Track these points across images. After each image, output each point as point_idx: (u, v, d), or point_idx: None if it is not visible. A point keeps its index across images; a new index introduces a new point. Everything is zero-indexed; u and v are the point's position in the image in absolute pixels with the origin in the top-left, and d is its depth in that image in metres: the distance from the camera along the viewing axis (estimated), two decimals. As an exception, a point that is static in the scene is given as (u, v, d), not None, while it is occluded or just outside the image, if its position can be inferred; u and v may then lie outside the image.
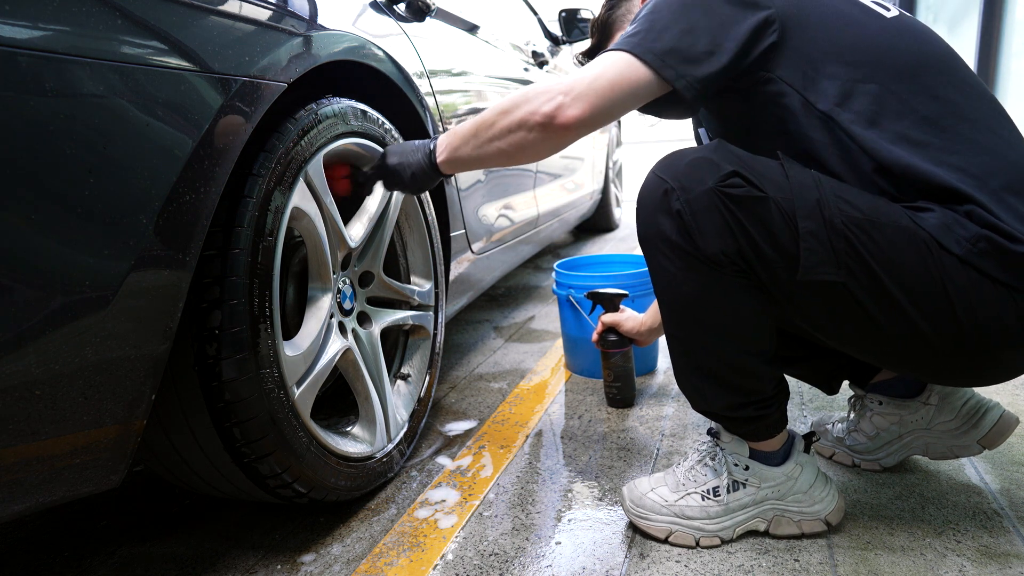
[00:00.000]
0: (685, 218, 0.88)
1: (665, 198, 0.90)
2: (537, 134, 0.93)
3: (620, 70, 0.91)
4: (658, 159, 0.95)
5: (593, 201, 3.42)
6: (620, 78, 0.91)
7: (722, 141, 0.93)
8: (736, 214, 0.86)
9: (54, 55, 0.62)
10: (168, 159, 0.74)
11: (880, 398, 1.17)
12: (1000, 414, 1.10)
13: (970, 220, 0.83)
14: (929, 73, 0.90)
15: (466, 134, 1.01)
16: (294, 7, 0.97)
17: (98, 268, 0.68)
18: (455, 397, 1.65)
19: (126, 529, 1.16)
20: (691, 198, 0.88)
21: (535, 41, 2.59)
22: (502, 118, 0.96)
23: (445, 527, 1.10)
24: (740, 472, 1.01)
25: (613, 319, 1.49)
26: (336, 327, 1.12)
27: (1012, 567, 0.92)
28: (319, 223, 1.04)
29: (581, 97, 0.90)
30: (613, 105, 0.91)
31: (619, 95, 0.91)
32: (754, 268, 0.88)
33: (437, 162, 1.06)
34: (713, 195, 0.86)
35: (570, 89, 0.91)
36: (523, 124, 0.94)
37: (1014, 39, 3.20)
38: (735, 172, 0.87)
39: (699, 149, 0.92)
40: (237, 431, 0.91)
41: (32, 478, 0.68)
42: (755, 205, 0.86)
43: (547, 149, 0.96)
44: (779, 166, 0.89)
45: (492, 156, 1.00)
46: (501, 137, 0.97)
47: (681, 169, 0.90)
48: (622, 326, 1.49)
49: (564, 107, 0.91)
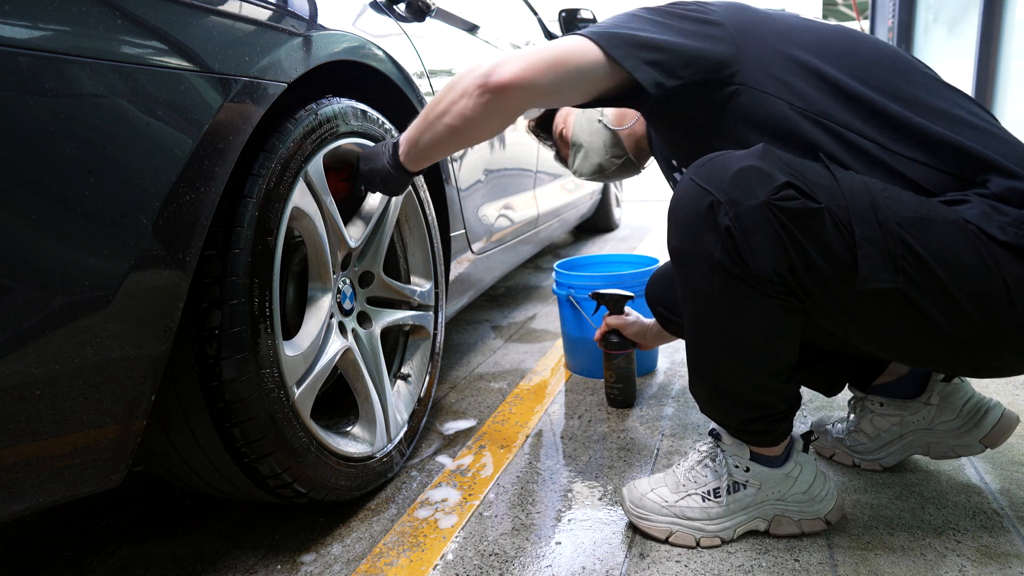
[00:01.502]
0: (735, 235, 0.82)
1: (711, 212, 0.83)
2: (476, 99, 0.90)
3: (569, 44, 0.89)
4: (695, 164, 0.89)
5: (593, 201, 3.43)
6: (567, 52, 0.89)
7: (767, 145, 0.86)
8: (791, 229, 0.81)
9: (54, 55, 0.62)
10: (168, 159, 0.74)
11: (881, 399, 1.17)
12: (1001, 413, 1.10)
13: (1004, 203, 0.82)
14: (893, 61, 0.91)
15: (418, 122, 1.00)
16: (294, 7, 0.97)
17: (98, 268, 0.68)
18: (455, 397, 1.65)
19: (126, 529, 1.16)
20: (741, 213, 0.81)
21: (535, 41, 2.59)
22: (447, 93, 0.94)
23: (445, 527, 1.10)
24: (741, 473, 1.01)
25: (618, 322, 1.49)
26: (336, 327, 1.12)
27: (1012, 567, 0.92)
28: (319, 223, 1.04)
29: (520, 58, 0.89)
30: (555, 76, 0.89)
31: (563, 69, 0.89)
32: (804, 284, 0.83)
33: (400, 161, 1.05)
34: (767, 210, 0.80)
35: (503, 61, 0.89)
36: (464, 92, 0.91)
37: (1014, 39, 3.20)
38: (788, 183, 0.81)
39: (744, 155, 0.85)
40: (237, 431, 0.91)
41: (32, 478, 0.68)
42: (810, 217, 0.80)
43: (490, 118, 0.93)
44: (826, 170, 0.84)
45: (444, 137, 0.97)
46: (447, 112, 0.94)
47: (728, 179, 0.83)
48: (627, 329, 1.48)
49: (500, 66, 0.88)
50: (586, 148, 1.31)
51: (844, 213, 0.81)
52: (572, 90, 0.92)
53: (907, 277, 0.80)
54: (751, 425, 0.97)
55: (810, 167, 0.85)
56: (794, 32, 0.94)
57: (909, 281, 0.80)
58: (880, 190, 0.83)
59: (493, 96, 0.89)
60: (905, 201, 0.83)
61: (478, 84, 0.90)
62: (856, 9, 6.13)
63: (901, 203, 0.82)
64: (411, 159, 1.04)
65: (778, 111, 0.89)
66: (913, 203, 0.83)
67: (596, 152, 1.30)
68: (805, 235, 0.81)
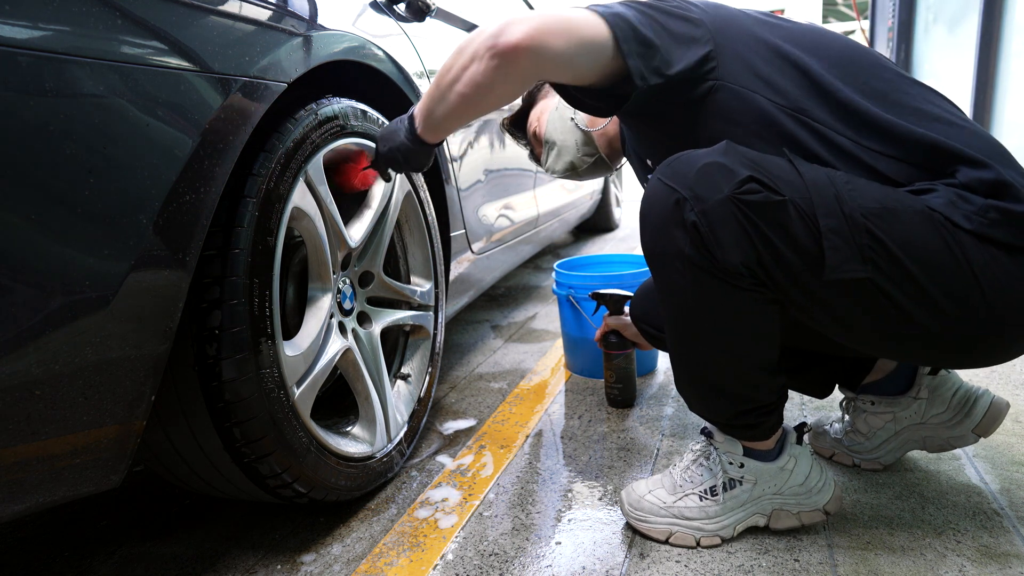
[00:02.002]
0: (702, 230, 0.84)
1: (677, 209, 0.85)
2: (487, 63, 0.87)
3: (583, 16, 0.88)
4: (661, 164, 0.90)
5: (593, 201, 3.43)
6: (578, 21, 0.87)
7: (730, 142, 0.88)
8: (755, 222, 0.82)
9: (54, 55, 0.62)
10: (168, 159, 0.74)
11: (871, 398, 1.17)
12: (991, 400, 1.10)
13: (971, 192, 0.83)
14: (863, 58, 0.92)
15: (431, 91, 0.97)
16: (294, 7, 0.97)
17: (98, 268, 0.68)
18: (455, 397, 1.65)
19: (126, 529, 1.16)
20: (707, 208, 0.83)
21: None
22: (457, 58, 0.91)
23: (445, 527, 1.10)
24: (735, 470, 1.01)
25: (618, 322, 1.49)
26: (336, 327, 1.12)
27: (1012, 567, 0.92)
28: (319, 223, 1.04)
29: (531, 18, 0.85)
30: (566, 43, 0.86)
31: (575, 37, 0.86)
32: (773, 276, 0.84)
33: (419, 134, 1.02)
34: (731, 204, 0.82)
35: (511, 20, 0.86)
36: (474, 55, 0.88)
37: (1014, 39, 3.20)
38: (751, 177, 0.82)
39: (707, 153, 0.87)
40: (237, 431, 0.91)
41: (32, 478, 0.68)
42: (774, 210, 0.82)
43: (503, 83, 0.89)
44: (789, 164, 0.86)
45: (458, 105, 0.94)
46: (459, 79, 0.91)
47: (692, 176, 0.85)
48: (626, 330, 1.48)
49: (510, 26, 0.85)
50: (559, 146, 1.31)
51: (808, 205, 0.82)
52: (577, 65, 0.89)
53: (875, 267, 0.82)
54: (740, 419, 0.97)
55: (773, 162, 0.86)
56: (768, 29, 0.94)
57: (877, 270, 0.82)
58: (844, 182, 0.84)
59: (503, 59, 0.86)
60: (870, 192, 0.84)
61: (488, 46, 0.86)
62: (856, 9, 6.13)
63: (866, 194, 0.83)
64: (429, 130, 1.01)
65: (755, 106, 0.90)
66: (878, 193, 0.84)
67: (568, 151, 1.31)
68: (770, 227, 0.82)
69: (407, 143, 1.03)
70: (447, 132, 1.02)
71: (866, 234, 0.81)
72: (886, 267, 0.82)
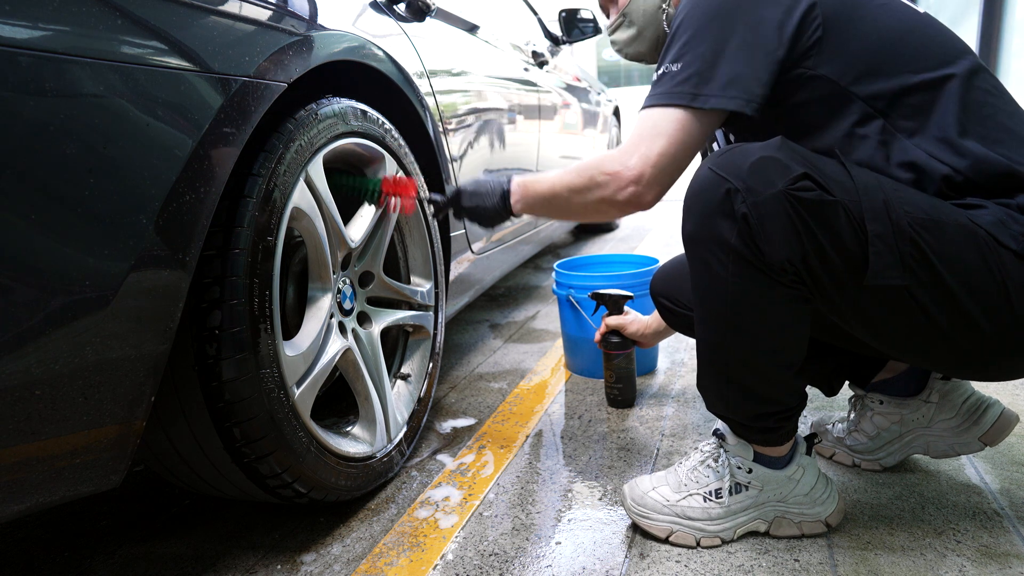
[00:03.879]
0: (751, 222, 0.83)
1: (727, 199, 0.85)
2: (617, 212, 1.01)
3: (683, 130, 0.92)
4: (713, 154, 0.91)
5: (593, 201, 3.41)
6: (686, 138, 0.92)
7: (784, 139, 0.87)
8: (806, 219, 0.81)
9: (54, 55, 0.62)
10: (168, 159, 0.74)
11: (881, 397, 1.17)
12: (1001, 411, 1.10)
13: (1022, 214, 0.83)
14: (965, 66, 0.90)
15: (541, 196, 1.08)
16: (294, 7, 0.97)
17: (98, 268, 0.68)
18: (455, 397, 1.65)
19: (126, 529, 1.16)
20: (759, 201, 0.82)
21: (535, 41, 2.59)
22: (576, 196, 1.02)
23: (445, 527, 1.10)
24: (743, 475, 1.01)
25: (618, 322, 1.49)
26: (336, 327, 1.12)
27: (1012, 567, 0.92)
28: (319, 223, 1.04)
29: (653, 183, 0.94)
30: (684, 166, 0.95)
31: (689, 154, 0.94)
32: (816, 275, 0.84)
33: (513, 210, 1.12)
34: (784, 199, 0.81)
35: (639, 176, 0.94)
36: (599, 208, 1.01)
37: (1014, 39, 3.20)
38: (806, 174, 0.82)
39: (762, 147, 0.86)
40: (237, 431, 0.91)
41: (32, 478, 0.68)
42: (826, 209, 0.81)
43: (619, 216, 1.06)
44: (841, 166, 0.86)
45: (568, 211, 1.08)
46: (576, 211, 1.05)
47: (746, 169, 0.84)
48: (626, 329, 1.48)
49: (640, 195, 0.95)
50: (637, 29, 1.16)
51: (857, 208, 0.82)
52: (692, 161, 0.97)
53: (914, 276, 0.82)
54: (758, 421, 0.97)
55: (826, 162, 0.86)
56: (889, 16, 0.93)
57: (916, 280, 0.82)
58: (894, 189, 0.84)
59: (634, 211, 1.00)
60: (918, 202, 0.84)
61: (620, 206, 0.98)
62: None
63: (914, 203, 0.83)
64: (524, 210, 1.12)
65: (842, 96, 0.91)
66: (925, 204, 0.84)
67: (644, 40, 1.17)
68: (819, 227, 0.82)
69: (499, 212, 1.13)
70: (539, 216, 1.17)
71: (910, 243, 0.81)
72: (925, 277, 0.82)
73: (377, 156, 1.20)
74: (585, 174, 1.00)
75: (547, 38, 2.88)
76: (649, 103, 0.94)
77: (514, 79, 2.07)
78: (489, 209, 1.13)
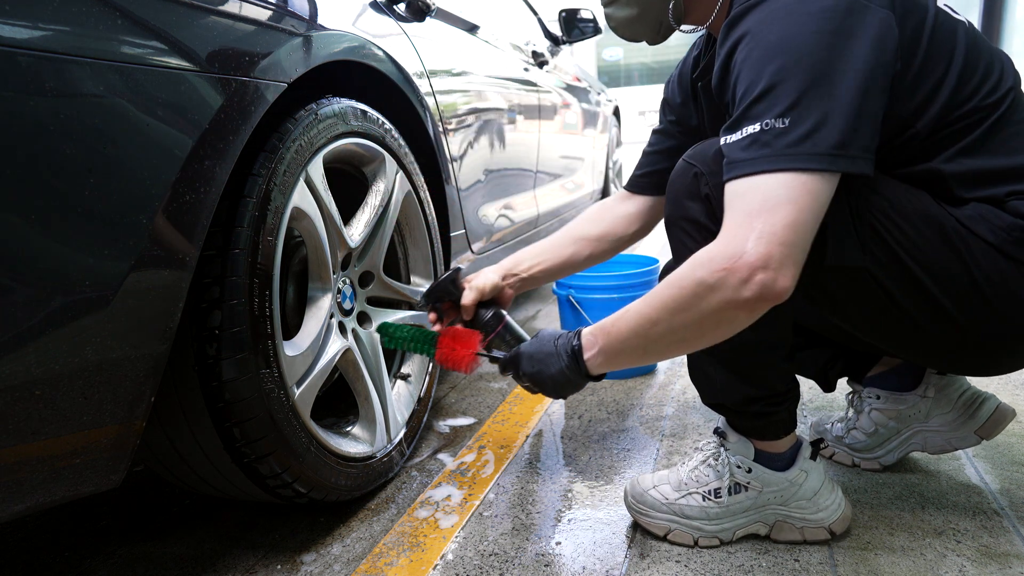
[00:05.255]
0: (713, 202, 0.88)
1: (695, 182, 0.90)
2: (745, 315, 0.78)
3: (805, 199, 0.74)
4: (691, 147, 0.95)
5: (593, 201, 3.42)
6: (810, 206, 0.74)
7: None
8: None
9: (54, 55, 0.62)
10: (168, 159, 0.74)
11: (877, 392, 1.18)
12: (996, 405, 1.10)
13: (1005, 212, 0.83)
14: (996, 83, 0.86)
15: (630, 336, 0.86)
16: (294, 7, 0.97)
17: (98, 268, 0.68)
18: (455, 397, 1.65)
19: (126, 529, 1.16)
20: (719, 183, 0.83)
21: (535, 41, 2.59)
22: (680, 317, 0.80)
23: (445, 527, 1.10)
24: (742, 475, 1.01)
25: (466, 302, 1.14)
26: (336, 327, 1.12)
27: (1012, 567, 0.92)
28: (319, 223, 1.04)
29: (785, 263, 0.74)
30: (811, 237, 0.76)
31: (814, 223, 0.76)
32: None
33: (588, 368, 0.90)
34: None
35: (766, 261, 0.73)
36: (720, 318, 0.78)
37: (1014, 39, 3.20)
38: None
39: None
40: (237, 431, 0.91)
41: (32, 478, 0.68)
42: None
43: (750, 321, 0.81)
44: None
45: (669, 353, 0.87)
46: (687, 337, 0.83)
47: (711, 155, 0.89)
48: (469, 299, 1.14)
49: (773, 282, 0.74)
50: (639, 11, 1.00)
51: None
52: None
53: (873, 258, 0.84)
54: (749, 406, 0.98)
55: None
56: None
57: (875, 262, 0.84)
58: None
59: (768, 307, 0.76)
60: (886, 189, 0.85)
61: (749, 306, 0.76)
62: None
63: (880, 191, 0.85)
64: (604, 366, 0.90)
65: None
66: (893, 192, 0.85)
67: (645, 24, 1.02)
68: None
69: (570, 375, 0.91)
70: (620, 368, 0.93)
71: (868, 228, 0.83)
72: (885, 260, 0.84)
73: (377, 156, 1.20)
74: (685, 283, 0.78)
75: (547, 38, 2.88)
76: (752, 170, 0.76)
77: (514, 79, 2.07)
78: (555, 373, 0.92)
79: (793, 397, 1.00)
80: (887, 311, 0.87)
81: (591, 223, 1.25)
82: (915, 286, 0.84)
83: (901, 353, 1.02)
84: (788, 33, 0.76)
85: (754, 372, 0.97)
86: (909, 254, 0.83)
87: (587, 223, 1.25)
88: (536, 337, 0.98)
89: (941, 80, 0.82)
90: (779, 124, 0.75)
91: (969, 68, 0.84)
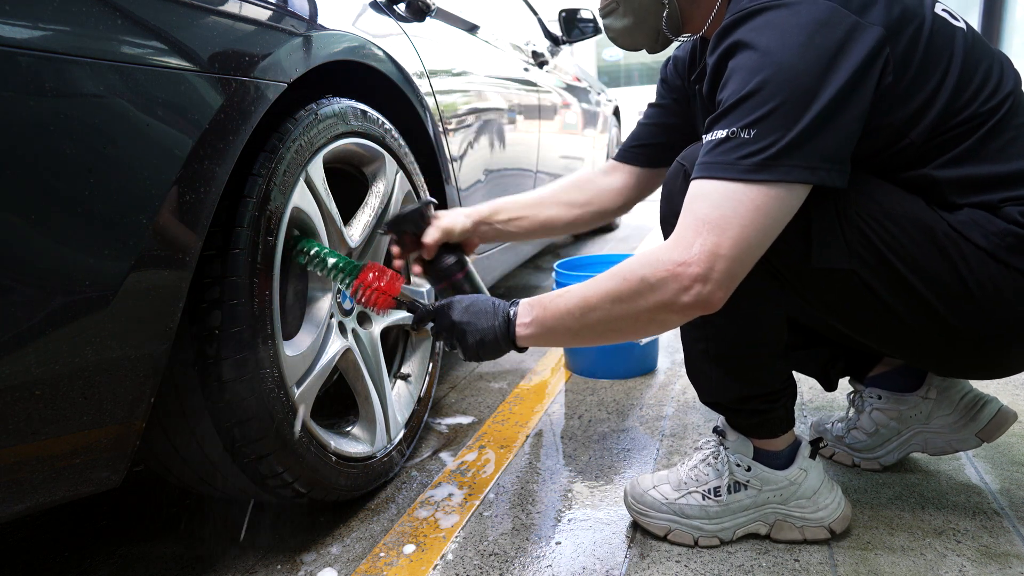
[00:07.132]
0: None
1: (684, 180, 0.90)
2: (677, 318, 0.82)
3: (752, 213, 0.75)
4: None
5: (593, 201, 3.41)
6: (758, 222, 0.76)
7: None
8: None
9: (54, 55, 0.62)
10: (168, 159, 0.74)
11: (879, 392, 1.18)
12: (998, 408, 1.10)
13: (999, 218, 0.83)
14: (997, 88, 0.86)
15: (566, 314, 0.86)
16: (294, 7, 0.97)
17: (98, 268, 0.68)
18: (455, 397, 1.65)
19: (126, 529, 1.16)
20: None
21: (535, 41, 2.59)
22: (616, 306, 0.82)
23: (445, 527, 1.10)
24: (742, 473, 1.01)
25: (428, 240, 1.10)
26: (336, 327, 1.12)
27: (1012, 567, 0.92)
28: (319, 223, 1.04)
29: (723, 279, 0.77)
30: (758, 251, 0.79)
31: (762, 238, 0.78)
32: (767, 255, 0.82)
33: (517, 335, 0.90)
34: None
35: (707, 275, 0.76)
36: (653, 316, 0.81)
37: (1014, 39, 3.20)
38: None
39: None
40: (237, 431, 0.91)
41: (32, 478, 0.68)
42: None
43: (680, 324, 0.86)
44: None
45: (598, 339, 0.89)
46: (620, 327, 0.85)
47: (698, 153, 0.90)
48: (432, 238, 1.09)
49: (710, 295, 0.77)
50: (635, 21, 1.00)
51: None
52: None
53: (860, 260, 0.84)
54: (745, 404, 0.98)
55: None
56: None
57: (862, 264, 0.84)
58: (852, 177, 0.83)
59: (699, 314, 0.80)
60: (877, 193, 0.85)
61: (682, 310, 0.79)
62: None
63: (870, 194, 0.85)
64: (531, 339, 0.90)
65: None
66: (884, 196, 0.85)
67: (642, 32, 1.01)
68: None
69: (499, 337, 0.91)
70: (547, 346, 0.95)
71: (856, 230, 0.84)
72: (873, 263, 0.84)
73: (377, 156, 1.20)
74: (629, 278, 0.81)
75: (547, 38, 2.88)
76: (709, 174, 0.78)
77: (514, 79, 2.07)
78: (483, 330, 0.90)
79: (789, 395, 1.00)
80: (880, 313, 0.88)
81: (577, 189, 1.22)
82: (905, 289, 0.84)
83: (896, 354, 1.03)
84: (776, 45, 0.76)
85: (748, 370, 0.97)
86: (898, 257, 0.83)
87: (573, 189, 1.23)
88: (471, 296, 0.96)
89: (936, 90, 0.82)
90: (744, 135, 0.76)
91: (966, 76, 0.83)
